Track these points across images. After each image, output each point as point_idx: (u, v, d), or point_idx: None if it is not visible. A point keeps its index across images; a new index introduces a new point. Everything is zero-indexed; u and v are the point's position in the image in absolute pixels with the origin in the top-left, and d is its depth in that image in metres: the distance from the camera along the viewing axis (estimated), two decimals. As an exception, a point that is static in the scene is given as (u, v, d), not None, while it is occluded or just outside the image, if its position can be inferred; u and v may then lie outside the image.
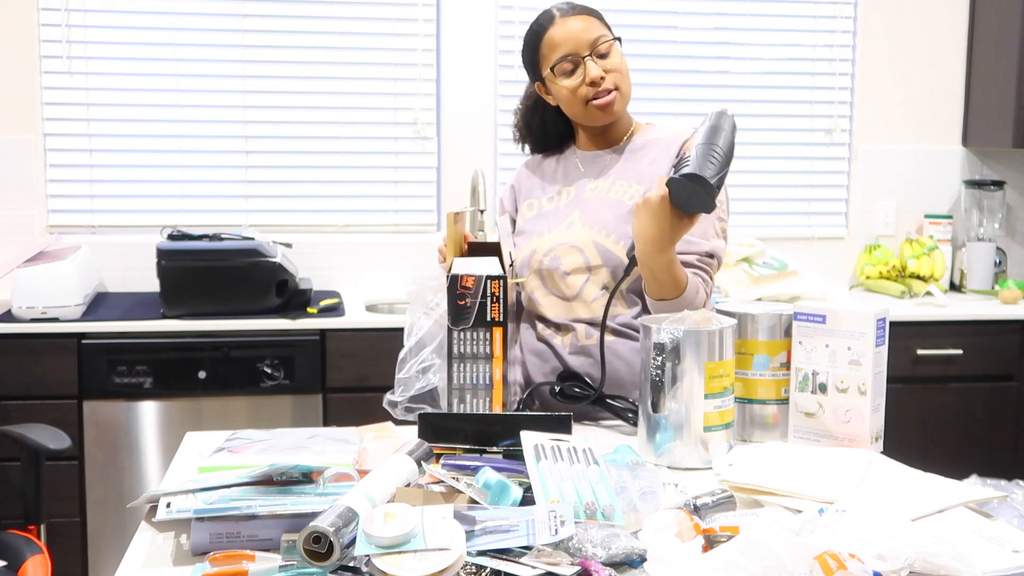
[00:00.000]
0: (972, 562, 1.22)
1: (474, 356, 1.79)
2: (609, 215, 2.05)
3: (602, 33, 2.05)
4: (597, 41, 2.04)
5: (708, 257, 2.01)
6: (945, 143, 4.10)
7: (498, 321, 1.78)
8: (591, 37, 2.04)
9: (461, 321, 1.77)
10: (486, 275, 1.77)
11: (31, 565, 2.37)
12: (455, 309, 1.77)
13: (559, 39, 2.04)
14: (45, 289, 3.12)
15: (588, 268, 2.03)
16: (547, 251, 2.06)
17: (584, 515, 1.34)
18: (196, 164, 3.70)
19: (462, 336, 1.78)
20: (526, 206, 2.18)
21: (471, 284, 1.78)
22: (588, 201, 2.07)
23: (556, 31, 2.05)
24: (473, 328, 1.78)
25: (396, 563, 1.18)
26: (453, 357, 1.79)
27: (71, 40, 3.59)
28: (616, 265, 2.01)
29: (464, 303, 1.77)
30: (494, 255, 2.01)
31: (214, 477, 1.42)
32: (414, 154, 3.81)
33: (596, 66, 2.03)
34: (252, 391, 3.17)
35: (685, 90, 3.94)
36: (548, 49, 2.06)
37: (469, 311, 1.77)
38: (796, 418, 1.80)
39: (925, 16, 4.03)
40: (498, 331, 1.79)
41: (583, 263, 2.03)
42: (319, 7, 3.71)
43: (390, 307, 3.60)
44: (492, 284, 1.77)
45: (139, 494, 1.96)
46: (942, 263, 3.91)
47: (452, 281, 1.77)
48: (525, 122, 2.24)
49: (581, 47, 2.03)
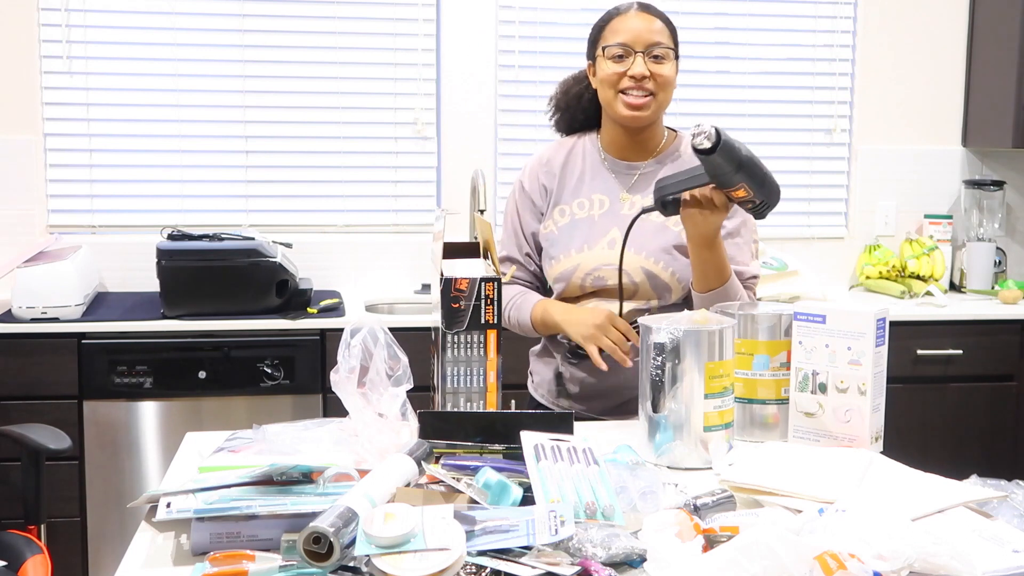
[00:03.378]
0: (972, 562, 1.22)
1: (468, 359, 1.78)
2: (654, 243, 2.09)
3: (664, 41, 2.09)
4: (656, 45, 2.07)
5: (753, 279, 2.13)
6: (945, 143, 4.10)
7: (492, 323, 1.77)
8: (653, 39, 2.08)
9: (455, 324, 1.77)
10: (480, 277, 1.77)
11: (31, 565, 2.37)
12: (449, 312, 1.77)
13: (622, 28, 2.09)
14: (45, 289, 3.12)
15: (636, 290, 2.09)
16: (591, 270, 2.10)
17: (584, 515, 1.34)
18: (196, 164, 3.70)
19: (456, 339, 1.77)
20: (558, 212, 2.18)
21: (465, 287, 1.77)
22: (627, 219, 2.05)
23: (624, 21, 2.10)
24: (467, 331, 1.77)
25: (396, 563, 1.18)
26: (447, 360, 1.78)
27: (71, 40, 3.59)
28: (663, 291, 2.08)
29: (458, 306, 1.76)
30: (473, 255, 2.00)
31: (214, 477, 1.42)
32: (414, 154, 3.81)
33: (644, 65, 2.06)
34: (252, 391, 3.17)
35: (685, 90, 3.94)
36: (610, 33, 2.11)
37: (463, 314, 1.77)
38: (796, 418, 1.80)
39: (925, 16, 4.03)
40: (492, 333, 1.78)
41: (630, 284, 2.08)
42: (319, 7, 3.71)
43: (390, 307, 3.60)
44: (487, 287, 1.77)
45: (139, 494, 1.95)
46: (942, 263, 3.90)
47: (446, 284, 1.77)
48: (564, 90, 2.26)
49: (638, 43, 2.07)
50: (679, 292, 2.09)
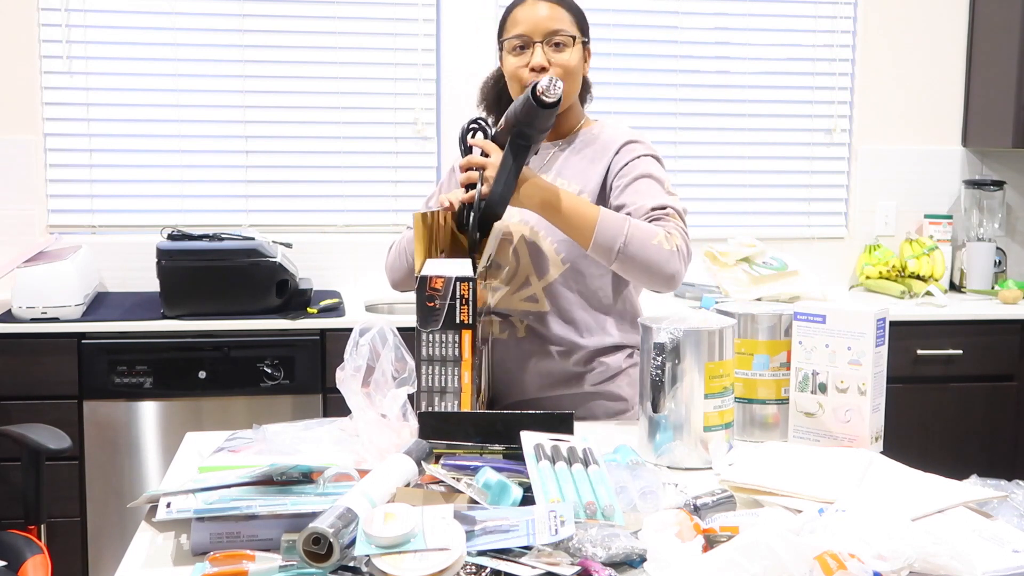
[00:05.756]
0: (972, 562, 1.22)
1: (443, 359, 1.78)
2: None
3: (564, 28, 2.05)
4: (555, 33, 2.04)
5: (657, 210, 1.96)
6: (945, 143, 4.10)
7: (467, 324, 1.77)
8: (551, 27, 2.04)
9: (430, 323, 1.76)
10: (455, 276, 1.76)
11: (31, 565, 2.37)
12: (424, 310, 1.76)
13: (521, 18, 2.06)
14: (45, 289, 3.12)
15: (518, 262, 2.07)
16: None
17: (584, 515, 1.34)
18: (196, 164, 3.70)
19: (431, 338, 1.77)
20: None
21: (440, 286, 1.77)
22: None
23: (522, 10, 2.07)
24: (442, 330, 1.77)
25: (396, 563, 1.18)
26: (421, 359, 1.77)
27: (71, 40, 3.59)
28: (541, 261, 2.05)
29: (433, 304, 1.76)
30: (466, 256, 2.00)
31: (214, 477, 1.42)
32: (414, 154, 3.81)
33: (543, 55, 2.03)
34: (252, 391, 3.17)
35: (685, 90, 3.95)
36: (511, 24, 2.08)
37: (438, 313, 1.76)
38: (796, 418, 1.80)
39: (925, 16, 4.03)
40: (467, 334, 1.77)
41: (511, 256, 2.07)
42: (319, 7, 3.71)
43: (390, 307, 3.60)
44: (461, 286, 1.76)
45: (139, 494, 1.96)
46: (942, 263, 3.90)
47: (421, 282, 1.76)
48: (483, 95, 2.24)
49: (536, 32, 2.04)
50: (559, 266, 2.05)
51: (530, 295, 2.08)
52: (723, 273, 3.65)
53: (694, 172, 3.95)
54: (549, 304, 2.07)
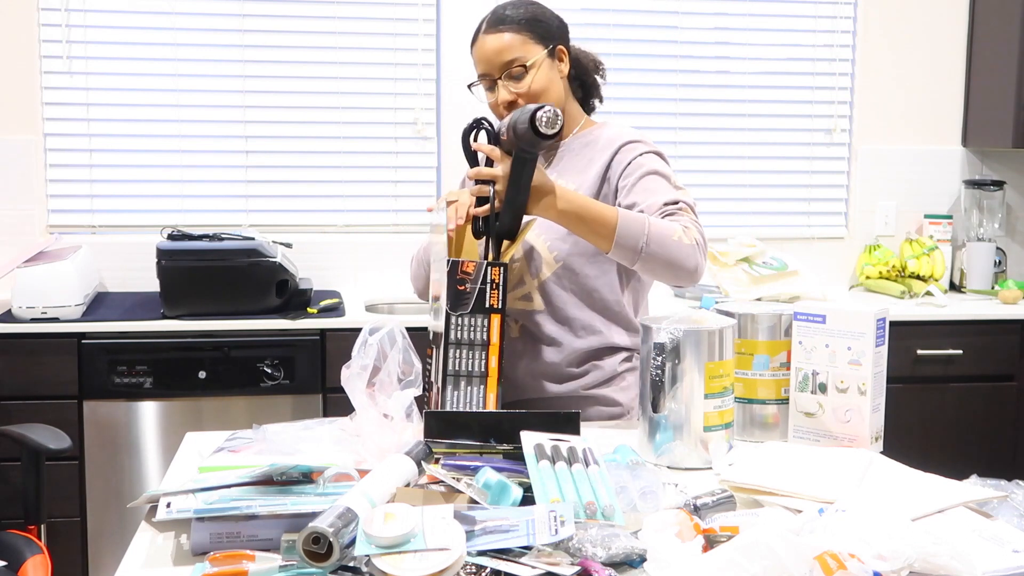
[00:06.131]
0: (972, 562, 1.22)
1: (471, 343, 1.78)
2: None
3: (516, 56, 2.04)
4: (509, 64, 2.04)
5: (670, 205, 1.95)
6: (945, 143, 4.10)
7: (496, 308, 1.77)
8: (503, 60, 2.04)
9: (460, 306, 1.77)
10: (487, 262, 1.77)
11: (31, 565, 2.37)
12: (454, 294, 1.77)
13: (478, 57, 2.09)
14: (45, 289, 3.12)
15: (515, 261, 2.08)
16: None
17: (584, 515, 1.34)
18: (196, 164, 3.70)
19: (460, 322, 1.77)
20: None
21: (471, 269, 1.78)
22: None
23: (477, 49, 2.09)
24: (472, 314, 1.77)
25: (396, 563, 1.18)
26: (450, 343, 1.78)
27: (71, 40, 3.59)
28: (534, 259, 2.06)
29: (464, 288, 1.77)
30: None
31: (214, 477, 1.42)
32: (414, 154, 3.81)
33: (507, 91, 2.04)
34: (252, 391, 3.17)
35: (685, 90, 3.95)
36: (476, 61, 2.11)
37: (468, 296, 1.77)
38: (796, 418, 1.80)
39: (925, 16, 4.03)
40: (496, 318, 1.78)
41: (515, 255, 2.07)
42: (319, 7, 3.71)
43: (390, 307, 3.60)
44: (492, 271, 1.77)
45: (139, 494, 1.96)
46: (942, 263, 3.90)
47: (452, 266, 1.77)
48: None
49: (493, 69, 2.06)
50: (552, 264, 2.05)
51: (524, 294, 2.08)
52: (723, 273, 3.65)
53: (694, 172, 3.95)
54: (543, 303, 2.07)
